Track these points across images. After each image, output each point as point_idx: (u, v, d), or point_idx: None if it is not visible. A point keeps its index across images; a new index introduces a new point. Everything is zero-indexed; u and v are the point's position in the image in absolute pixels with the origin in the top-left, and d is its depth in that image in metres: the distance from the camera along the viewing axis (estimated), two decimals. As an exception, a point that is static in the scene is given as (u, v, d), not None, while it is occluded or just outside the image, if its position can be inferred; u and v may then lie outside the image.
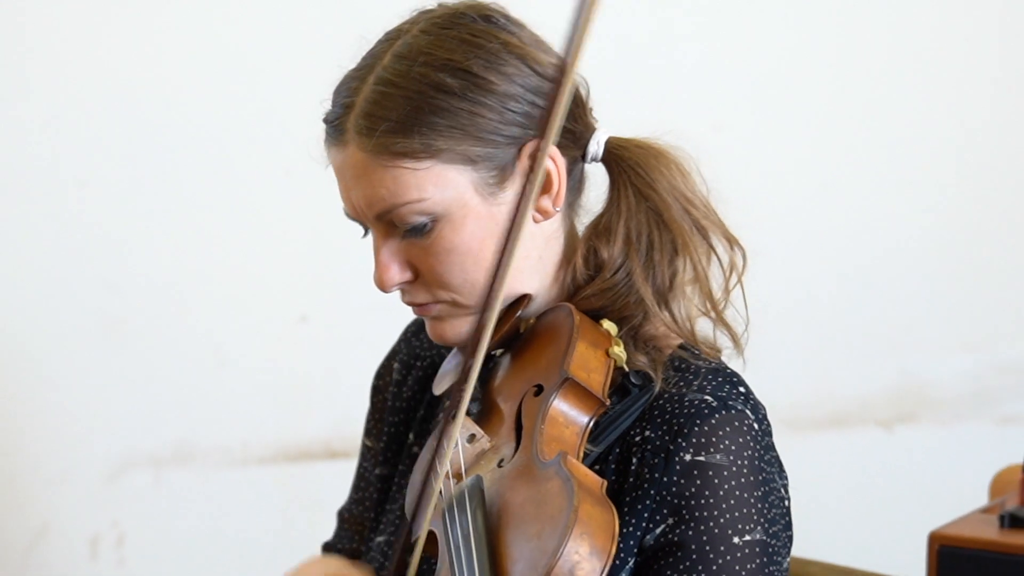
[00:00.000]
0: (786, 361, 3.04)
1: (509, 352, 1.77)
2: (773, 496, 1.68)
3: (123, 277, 2.85)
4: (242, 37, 2.84)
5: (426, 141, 1.66)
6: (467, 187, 1.68)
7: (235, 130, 2.84)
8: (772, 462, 1.69)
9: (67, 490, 2.84)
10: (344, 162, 1.70)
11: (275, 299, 2.90)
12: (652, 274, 1.73)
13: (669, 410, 1.67)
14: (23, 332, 2.82)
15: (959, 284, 3.17)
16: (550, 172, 1.71)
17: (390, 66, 1.69)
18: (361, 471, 1.97)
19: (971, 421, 3.16)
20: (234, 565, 2.84)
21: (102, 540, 2.87)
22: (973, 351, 3.17)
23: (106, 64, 2.80)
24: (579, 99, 1.75)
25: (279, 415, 2.91)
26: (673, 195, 1.74)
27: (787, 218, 3.08)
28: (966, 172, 3.15)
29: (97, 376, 2.84)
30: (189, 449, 2.89)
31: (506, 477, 1.61)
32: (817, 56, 3.10)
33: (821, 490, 3.01)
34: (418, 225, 1.69)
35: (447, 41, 1.68)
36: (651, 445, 1.66)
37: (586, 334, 1.68)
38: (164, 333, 2.86)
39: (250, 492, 2.90)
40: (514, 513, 1.57)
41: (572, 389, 1.63)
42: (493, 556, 1.54)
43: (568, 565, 1.48)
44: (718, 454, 1.63)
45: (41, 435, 2.84)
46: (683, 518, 1.63)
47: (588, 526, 1.49)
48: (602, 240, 1.74)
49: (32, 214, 2.81)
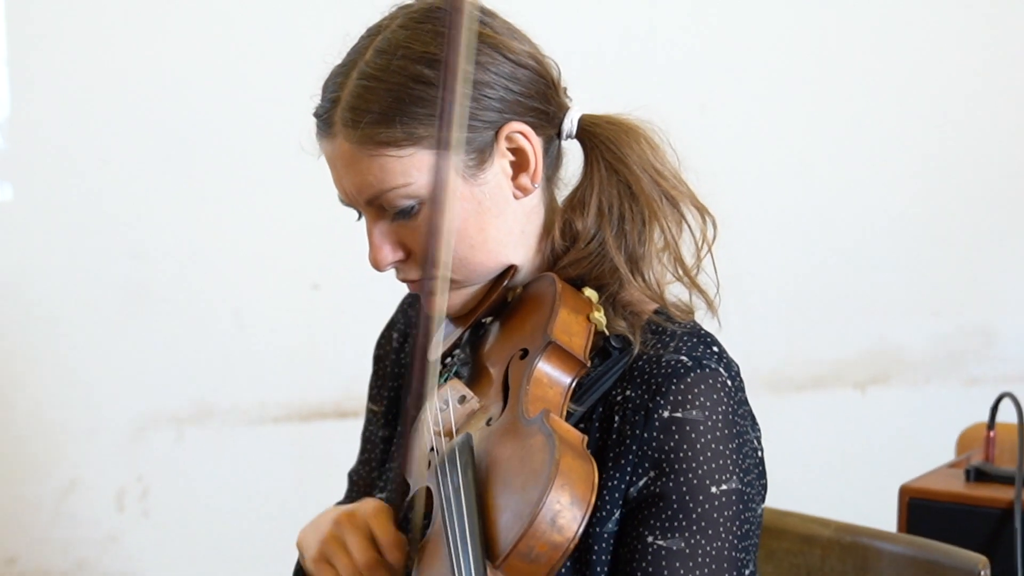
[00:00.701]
0: (768, 327, 3.06)
1: (498, 320, 1.76)
2: (747, 447, 1.68)
3: (147, 248, 2.84)
4: (255, 25, 2.85)
5: (408, 130, 1.66)
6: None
7: (251, 113, 2.84)
8: (745, 416, 1.69)
9: (95, 447, 2.85)
10: (334, 153, 1.71)
11: (289, 268, 2.90)
12: (624, 243, 1.72)
13: (648, 370, 1.66)
14: (53, 300, 2.82)
15: (929, 255, 3.17)
16: (526, 151, 1.71)
17: (372, 61, 1.68)
18: (367, 435, 1.97)
19: (939, 383, 3.17)
20: (251, 517, 2.84)
21: (127, 494, 2.87)
22: (941, 317, 3.17)
23: (130, 52, 2.80)
24: (551, 81, 1.75)
25: (293, 377, 2.91)
26: (643, 167, 1.73)
27: (769, 193, 3.08)
28: (937, 152, 3.15)
29: (123, 340, 2.84)
30: (209, 409, 2.89)
31: (494, 435, 1.61)
32: (798, 42, 3.09)
33: (800, 447, 3.03)
34: (405, 208, 1.69)
35: (423, 34, 1.68)
36: (632, 404, 1.66)
37: (568, 301, 1.67)
38: (185, 301, 2.86)
39: (266, 449, 2.90)
40: (501, 468, 1.57)
41: (555, 352, 1.63)
42: (482, 508, 1.54)
43: (550, 514, 1.48)
44: (694, 410, 1.63)
45: (70, 395, 2.84)
46: (663, 471, 1.63)
47: (569, 478, 1.49)
48: (577, 212, 1.74)
49: (61, 191, 2.81)
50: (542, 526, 1.47)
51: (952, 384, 3.15)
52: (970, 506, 2.45)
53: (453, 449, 1.60)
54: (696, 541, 1.62)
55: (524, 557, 1.48)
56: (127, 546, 2.87)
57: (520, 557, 1.48)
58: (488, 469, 1.58)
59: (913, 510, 2.49)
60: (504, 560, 1.48)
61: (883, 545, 2.09)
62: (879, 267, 3.14)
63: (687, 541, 1.62)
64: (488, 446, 1.60)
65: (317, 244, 2.89)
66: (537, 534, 1.47)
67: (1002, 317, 3.19)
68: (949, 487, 2.49)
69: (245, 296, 2.89)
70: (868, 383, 3.14)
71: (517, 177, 1.72)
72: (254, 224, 2.88)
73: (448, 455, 1.60)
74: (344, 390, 2.88)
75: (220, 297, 2.88)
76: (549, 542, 1.47)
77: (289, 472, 2.91)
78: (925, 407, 3.13)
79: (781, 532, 2.16)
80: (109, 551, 2.87)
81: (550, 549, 1.48)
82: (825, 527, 2.14)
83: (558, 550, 1.48)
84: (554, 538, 1.47)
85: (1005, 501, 2.43)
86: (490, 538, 1.51)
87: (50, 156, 2.79)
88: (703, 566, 1.62)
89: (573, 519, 1.48)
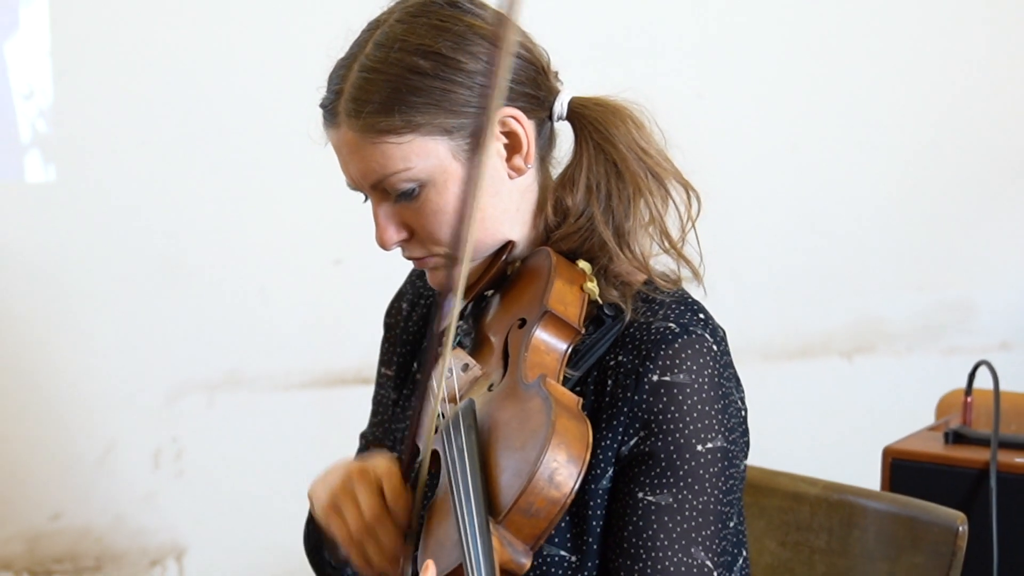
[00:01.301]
0: (761, 301, 3.05)
1: (498, 292, 1.77)
2: (731, 408, 1.68)
3: (180, 227, 2.85)
4: (275, 24, 2.85)
5: (406, 118, 1.66)
6: (446, 154, 1.68)
7: (276, 104, 2.82)
8: (730, 378, 1.70)
9: (133, 411, 2.85)
10: (339, 141, 1.71)
11: (313, 245, 2.91)
12: (611, 217, 1.72)
13: (638, 337, 1.67)
14: (94, 275, 2.82)
15: (911, 234, 3.16)
16: (518, 134, 1.71)
17: (371, 54, 1.68)
18: (379, 398, 1.97)
19: (920, 352, 3.16)
20: (276, 475, 2.84)
21: (163, 454, 2.88)
22: (923, 292, 3.17)
23: (164, 47, 2.80)
24: (541, 68, 1.75)
25: (316, 346, 2.92)
26: (628, 146, 1.73)
27: (764, 178, 3.07)
28: (921, 139, 3.14)
29: (159, 313, 2.85)
30: (238, 376, 2.89)
31: (495, 399, 1.62)
32: (787, 34, 3.08)
33: (790, 411, 3.04)
34: (407, 191, 1.69)
35: (418, 28, 1.68)
36: (623, 368, 1.66)
37: (562, 273, 1.68)
38: (216, 275, 2.87)
39: (291, 413, 2.91)
40: (502, 430, 1.57)
41: (551, 320, 1.64)
42: (485, 468, 1.55)
43: (548, 472, 1.48)
44: (681, 374, 1.63)
45: (110, 364, 2.84)
46: (653, 431, 1.63)
47: (564, 438, 1.50)
48: (567, 190, 1.74)
49: (101, 173, 2.81)
50: (540, 483, 1.48)
51: (932, 353, 3.15)
52: (949, 466, 2.45)
53: (457, 414, 1.61)
54: (683, 496, 1.63)
55: (524, 512, 1.49)
56: (162, 503, 2.89)
57: (520, 512, 1.49)
58: (490, 431, 1.58)
59: (895, 470, 2.49)
60: (506, 516, 1.49)
61: (867, 503, 2.09)
62: (866, 245, 3.13)
63: (675, 496, 1.62)
64: (490, 410, 1.61)
65: (338, 223, 2.87)
66: (536, 491, 1.48)
67: (979, 292, 3.18)
68: (929, 449, 2.49)
69: (271, 272, 2.89)
70: (854, 352, 3.14)
71: (511, 159, 1.72)
72: (279, 204, 2.89)
73: (453, 420, 1.60)
74: (363, 358, 2.86)
75: (248, 273, 2.88)
76: (547, 498, 1.48)
77: (312, 434, 2.91)
78: (907, 375, 3.13)
79: (772, 490, 2.16)
80: (146, 507, 2.88)
81: (548, 504, 1.49)
82: (813, 486, 2.14)
83: (556, 505, 1.49)
84: (552, 494, 1.48)
85: (981, 462, 2.43)
86: (492, 496, 1.51)
87: (91, 141, 2.79)
88: (690, 519, 1.63)
89: (569, 476, 1.49)
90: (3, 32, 2.72)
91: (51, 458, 2.82)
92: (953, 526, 1.98)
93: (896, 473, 2.48)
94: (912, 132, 3.13)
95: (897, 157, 3.13)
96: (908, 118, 3.12)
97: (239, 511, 2.91)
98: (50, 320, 2.80)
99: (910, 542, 2.02)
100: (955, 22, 3.14)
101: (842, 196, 3.12)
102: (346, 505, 1.66)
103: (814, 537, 2.13)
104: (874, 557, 2.06)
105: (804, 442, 2.87)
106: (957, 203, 3.16)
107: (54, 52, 2.74)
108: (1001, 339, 3.17)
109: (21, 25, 2.73)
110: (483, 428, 1.59)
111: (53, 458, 2.82)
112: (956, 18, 3.14)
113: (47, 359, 2.81)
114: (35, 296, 2.79)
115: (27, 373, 2.80)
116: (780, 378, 3.06)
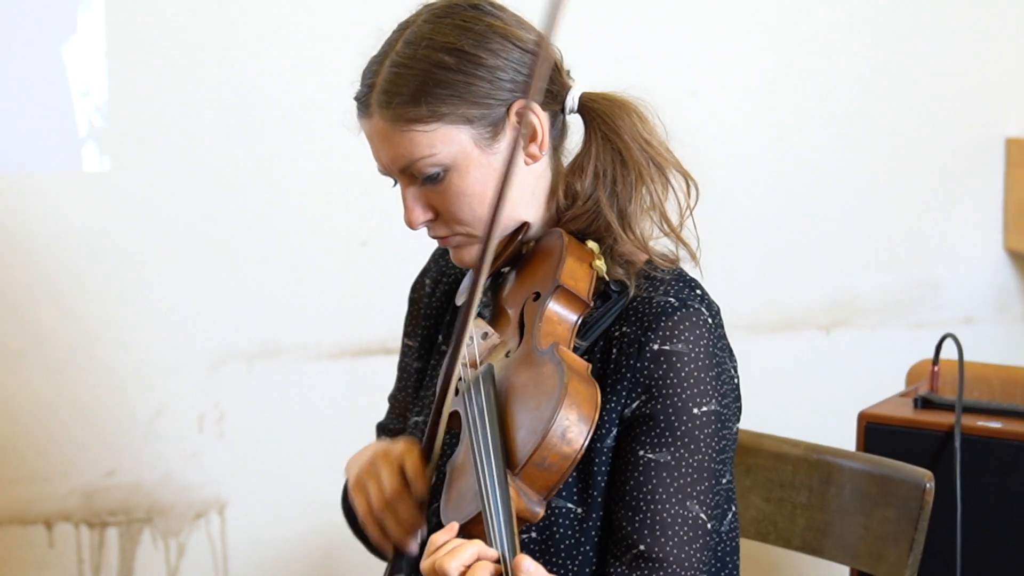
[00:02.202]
0: (747, 279, 3.04)
1: (514, 269, 1.77)
2: (724, 375, 1.69)
3: (223, 212, 2.84)
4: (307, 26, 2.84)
5: (432, 108, 1.67)
6: (468, 142, 1.69)
7: (308, 99, 2.83)
8: (723, 348, 1.71)
9: (179, 379, 2.85)
10: (371, 130, 1.72)
11: (341, 229, 2.89)
12: (616, 201, 1.73)
13: (641, 310, 1.67)
14: (144, 255, 2.81)
15: (883, 218, 3.15)
16: (535, 125, 1.72)
17: (401, 51, 1.69)
18: (403, 365, 1.98)
19: (891, 326, 3.15)
20: (309, 436, 2.85)
21: (206, 417, 2.88)
22: (893, 271, 3.15)
23: (206, 48, 2.79)
24: (556, 65, 1.76)
25: (344, 320, 2.91)
26: (633, 137, 1.74)
27: (750, 167, 3.06)
28: (891, 132, 3.12)
29: (202, 289, 2.84)
30: (274, 346, 2.88)
31: (512, 364, 1.63)
32: (772, 38, 3.06)
33: (774, 379, 3.03)
34: (432, 175, 1.70)
35: (443, 27, 1.69)
36: (627, 338, 1.67)
37: (573, 251, 1.69)
38: (254, 256, 2.86)
39: (322, 380, 2.90)
40: (518, 392, 1.58)
41: (563, 294, 1.65)
42: (502, 426, 1.56)
43: (560, 429, 1.50)
44: (680, 343, 1.64)
45: (158, 336, 2.84)
46: (653, 395, 1.64)
47: (576, 398, 1.51)
48: (576, 176, 1.75)
49: (151, 163, 2.80)
50: (554, 439, 1.49)
51: (902, 327, 3.14)
52: (917, 429, 2.45)
53: (478, 377, 1.62)
54: (680, 455, 1.63)
55: (538, 466, 1.50)
56: (206, 461, 2.88)
57: (535, 466, 1.50)
58: (507, 393, 1.59)
59: (869, 433, 2.48)
60: (522, 469, 1.50)
61: (844, 462, 2.09)
62: (842, 229, 3.12)
63: (673, 454, 1.63)
64: (507, 374, 1.62)
65: (364, 209, 2.88)
66: (550, 446, 1.49)
67: (944, 272, 3.17)
68: (900, 413, 2.49)
69: (304, 253, 2.88)
70: (832, 326, 3.13)
71: (527, 146, 1.73)
72: (310, 193, 2.87)
73: (473, 383, 1.62)
74: (388, 331, 2.86)
75: (283, 254, 2.87)
76: (560, 453, 1.49)
77: (340, 399, 2.90)
78: (880, 346, 3.12)
79: (758, 451, 2.16)
80: (191, 465, 2.87)
81: (560, 459, 1.50)
82: (795, 447, 2.14)
83: (567, 460, 1.50)
84: (564, 449, 1.50)
85: (947, 425, 2.43)
86: (510, 451, 1.52)
87: (142, 134, 2.78)
88: (686, 475, 1.64)
89: (580, 433, 1.50)
90: (63, 36, 2.71)
91: (106, 421, 2.82)
92: (921, 483, 1.98)
93: (870, 435, 2.48)
94: (885, 128, 3.11)
95: (871, 149, 3.12)
96: (882, 115, 3.11)
97: (275, 469, 2.90)
98: (106, 296, 2.80)
99: (882, 498, 2.02)
100: (930, 15, 3.12)
101: (821, 185, 3.10)
102: (370, 483, 1.69)
103: (796, 493, 2.13)
104: (850, 511, 2.06)
105: (787, 407, 2.86)
106: (924, 191, 3.14)
107: (109, 54, 2.74)
108: (965, 314, 3.16)
109: (79, 29, 2.72)
110: (501, 390, 1.60)
111: (107, 421, 2.82)
112: (931, 11, 3.12)
113: (103, 332, 2.81)
114: (92, 274, 2.79)
115: (86, 344, 2.80)
116: (765, 349, 3.05)
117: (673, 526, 1.63)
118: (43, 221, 2.74)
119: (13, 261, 2.74)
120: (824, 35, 3.07)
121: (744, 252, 3.01)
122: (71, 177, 2.75)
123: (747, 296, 3.03)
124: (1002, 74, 3.13)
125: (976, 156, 3.14)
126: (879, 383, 2.75)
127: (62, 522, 2.81)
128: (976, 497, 2.40)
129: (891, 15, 3.09)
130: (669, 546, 1.63)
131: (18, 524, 2.79)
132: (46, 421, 2.78)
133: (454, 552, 1.46)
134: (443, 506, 1.61)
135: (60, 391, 2.79)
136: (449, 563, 1.45)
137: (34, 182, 2.73)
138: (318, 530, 2.89)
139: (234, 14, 2.79)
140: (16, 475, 2.79)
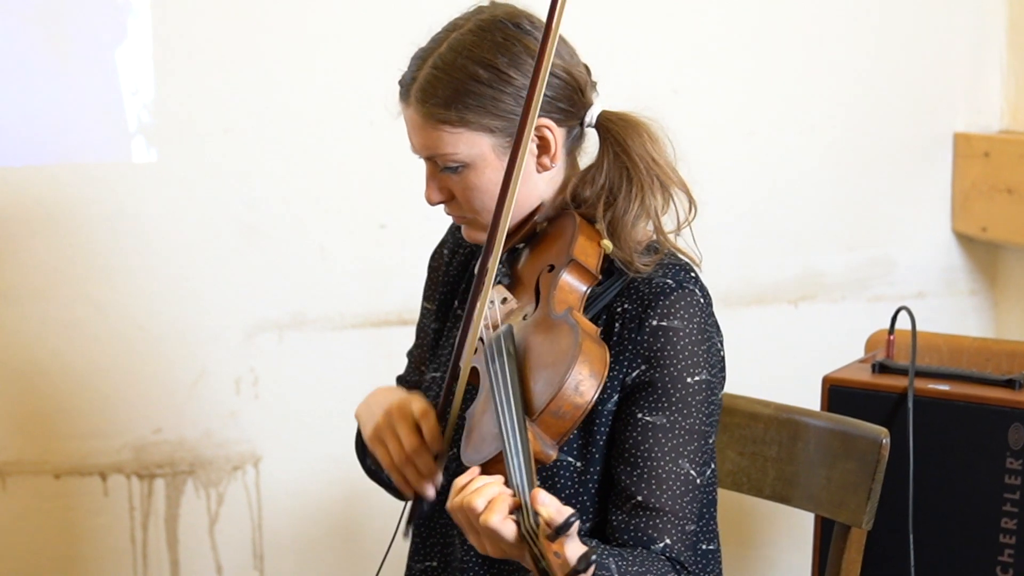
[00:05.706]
0: (722, 256, 3.01)
1: (529, 246, 1.80)
2: (713, 348, 1.72)
3: (256, 198, 2.84)
4: (342, 23, 2.81)
5: (460, 115, 1.69)
6: (487, 148, 1.71)
7: (335, 96, 2.82)
8: (713, 325, 1.74)
9: (218, 345, 2.85)
10: (408, 116, 1.74)
11: (362, 212, 2.89)
12: (613, 210, 1.73)
13: (642, 289, 1.70)
14: (187, 237, 2.82)
15: (845, 202, 3.14)
16: (548, 139, 1.73)
17: (444, 54, 1.70)
18: (421, 325, 2.00)
19: (852, 300, 3.15)
20: (333, 399, 2.82)
21: (243, 381, 2.88)
22: (854, 250, 3.15)
23: (242, 48, 2.78)
24: (577, 87, 1.75)
25: (366, 294, 2.90)
26: (641, 156, 1.74)
27: (726, 154, 3.04)
28: (851, 125, 3.10)
29: (238, 267, 2.84)
30: (302, 318, 2.88)
31: (529, 326, 1.65)
32: (746, 33, 3.04)
33: (748, 348, 2.97)
34: (452, 167, 1.72)
35: (485, 43, 1.69)
36: (628, 315, 1.70)
37: (584, 230, 1.71)
38: (285, 236, 2.86)
39: (346, 348, 2.90)
40: (535, 349, 1.60)
41: (575, 267, 1.67)
42: (521, 380, 1.58)
43: (575, 382, 1.52)
44: (676, 320, 1.67)
45: (201, 307, 2.84)
46: (652, 365, 1.67)
47: (588, 356, 1.53)
48: (585, 184, 1.76)
49: (193, 154, 2.80)
50: (568, 391, 1.51)
51: (861, 301, 3.14)
52: (875, 391, 2.47)
53: (499, 336, 1.64)
54: (675, 418, 1.67)
55: (554, 414, 1.52)
56: (242, 420, 2.89)
57: (551, 414, 1.52)
58: (525, 351, 1.61)
59: (832, 395, 2.51)
60: (539, 416, 1.52)
61: (809, 420, 2.11)
62: (807, 210, 3.11)
63: (668, 417, 1.66)
64: (525, 334, 1.64)
65: (383, 195, 2.89)
66: (565, 396, 1.51)
67: (899, 251, 3.16)
68: (859, 377, 2.51)
69: (329, 233, 2.88)
70: (799, 300, 3.12)
71: (540, 157, 1.75)
72: (335, 179, 2.87)
73: (495, 341, 1.64)
74: (404, 304, 2.88)
75: (310, 234, 2.88)
76: (573, 403, 1.52)
77: (361, 365, 2.90)
78: (842, 318, 3.11)
79: (733, 411, 2.18)
80: (229, 424, 2.89)
81: (573, 409, 1.52)
82: (766, 407, 2.16)
83: (579, 410, 1.53)
84: (577, 400, 1.52)
85: (901, 387, 2.45)
86: (528, 400, 1.55)
87: (185, 129, 2.78)
88: (679, 436, 1.67)
89: (591, 387, 1.53)
90: (114, 41, 2.72)
91: (153, 384, 2.83)
92: (878, 439, 2.01)
93: (833, 397, 2.50)
94: (847, 124, 3.10)
95: (835, 143, 3.11)
96: (844, 112, 3.10)
97: (304, 427, 2.91)
98: (154, 272, 2.81)
99: (843, 452, 2.04)
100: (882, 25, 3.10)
101: (789, 172, 3.09)
102: (389, 438, 1.70)
103: (767, 448, 2.15)
104: (814, 464, 2.08)
105: (759, 372, 2.84)
106: (882, 179, 3.13)
107: (155, 57, 2.75)
108: (917, 289, 3.17)
109: (128, 35, 2.73)
110: (519, 349, 1.61)
111: (154, 384, 2.83)
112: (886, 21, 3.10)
113: (151, 304, 2.81)
114: (141, 253, 2.79)
115: (135, 315, 2.80)
116: (739, 321, 3.03)
117: (668, 480, 1.66)
118: (98, 206, 2.75)
119: (72, 242, 2.75)
120: (796, 36, 3.05)
121: (721, 234, 3.00)
122: (122, 167, 2.76)
123: (723, 273, 3.02)
124: (952, 75, 3.13)
125: (928, 149, 3.14)
126: (841, 351, 2.76)
127: (115, 473, 2.83)
128: (926, 451, 2.42)
129: (855, 19, 3.07)
130: (664, 498, 1.66)
131: (77, 475, 2.81)
132: (101, 384, 2.79)
133: (479, 491, 1.48)
134: (463, 450, 1.62)
135: (113, 359, 2.80)
136: (476, 499, 1.47)
137: (89, 172, 2.74)
138: (341, 479, 2.90)
139: (267, 23, 2.79)
140: (74, 432, 2.80)
